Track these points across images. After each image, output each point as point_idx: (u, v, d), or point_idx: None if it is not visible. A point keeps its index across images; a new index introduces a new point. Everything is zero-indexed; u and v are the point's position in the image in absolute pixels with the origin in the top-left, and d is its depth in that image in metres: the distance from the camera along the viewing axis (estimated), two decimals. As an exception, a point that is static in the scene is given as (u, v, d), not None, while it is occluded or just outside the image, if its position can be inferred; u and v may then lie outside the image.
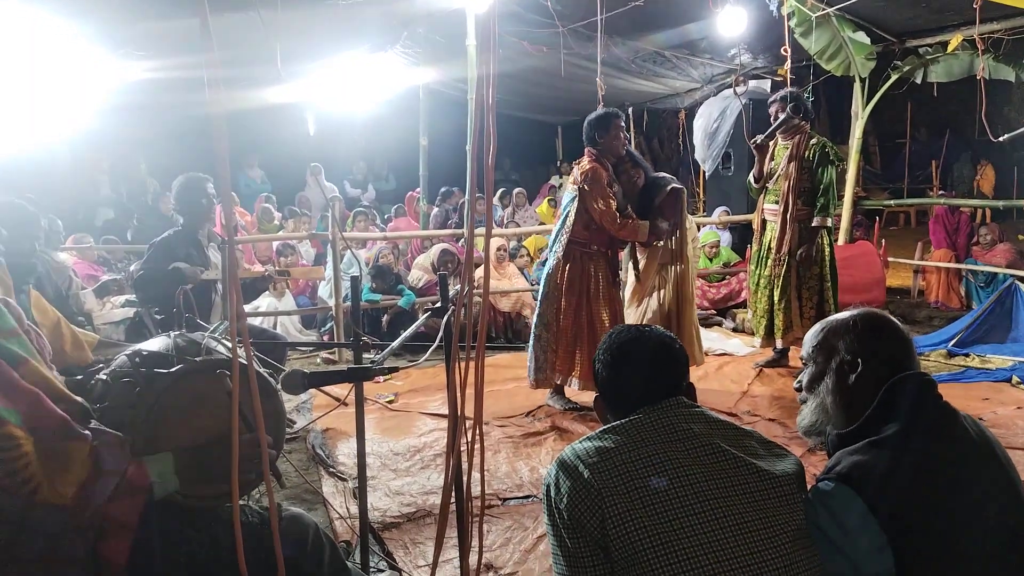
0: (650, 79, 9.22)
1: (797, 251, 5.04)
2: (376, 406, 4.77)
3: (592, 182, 4.37)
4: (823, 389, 1.62)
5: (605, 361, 1.67)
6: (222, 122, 1.10)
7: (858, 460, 1.46)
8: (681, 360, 1.66)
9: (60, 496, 1.41)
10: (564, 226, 4.50)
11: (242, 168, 11.31)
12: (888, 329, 1.60)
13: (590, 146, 4.50)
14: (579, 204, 4.44)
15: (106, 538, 1.46)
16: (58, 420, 1.48)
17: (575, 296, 4.47)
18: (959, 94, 11.14)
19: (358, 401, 2.48)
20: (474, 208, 1.98)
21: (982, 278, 7.36)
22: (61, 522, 1.42)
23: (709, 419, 1.54)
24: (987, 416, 4.34)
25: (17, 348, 1.52)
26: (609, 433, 1.51)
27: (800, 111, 5.02)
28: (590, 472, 1.42)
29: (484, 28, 1.51)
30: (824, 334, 1.66)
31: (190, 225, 4.17)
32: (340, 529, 3.14)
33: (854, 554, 1.38)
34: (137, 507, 1.49)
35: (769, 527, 1.38)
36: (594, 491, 1.39)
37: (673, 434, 1.48)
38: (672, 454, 1.44)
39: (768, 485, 1.42)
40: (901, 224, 13.55)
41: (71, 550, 1.43)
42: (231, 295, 1.26)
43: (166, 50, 5.85)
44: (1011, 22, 6.31)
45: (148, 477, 1.53)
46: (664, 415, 1.52)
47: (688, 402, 1.58)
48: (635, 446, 1.46)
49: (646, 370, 1.62)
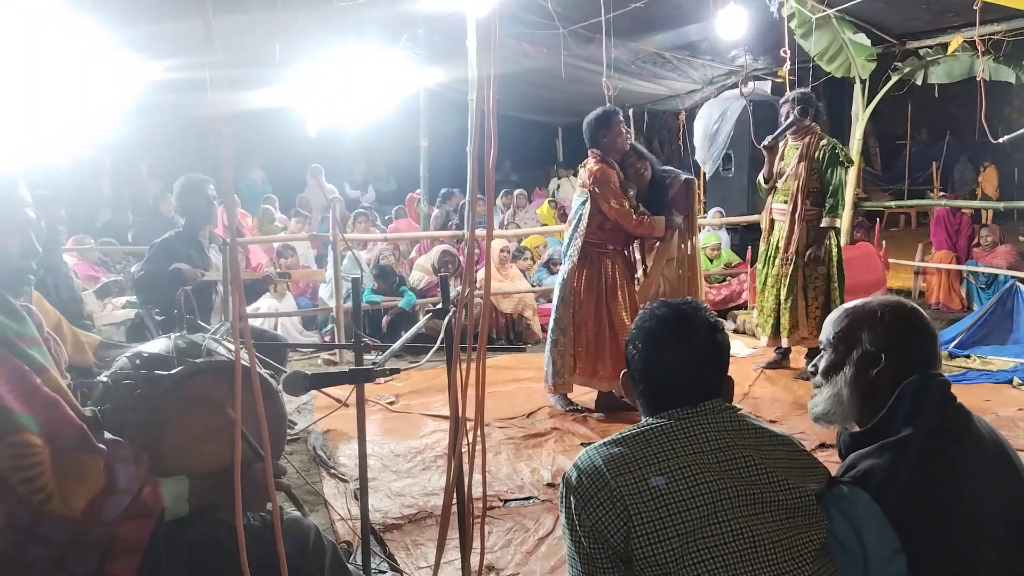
0: (650, 80, 9.22)
1: (805, 251, 5.05)
2: (377, 407, 4.77)
3: (601, 183, 4.36)
4: (840, 379, 1.56)
5: (642, 342, 1.51)
6: (226, 124, 1.10)
7: (874, 463, 1.43)
8: (725, 352, 1.51)
9: (70, 508, 1.39)
10: (578, 229, 4.48)
11: (243, 169, 11.30)
12: (917, 326, 1.54)
13: (594, 147, 4.48)
14: (591, 206, 4.43)
15: (114, 558, 1.45)
16: (76, 430, 1.46)
17: (594, 297, 4.47)
18: (959, 96, 11.16)
19: (359, 402, 2.48)
20: (475, 209, 1.98)
21: (983, 279, 7.36)
22: (70, 534, 1.40)
23: (744, 426, 1.44)
24: (988, 418, 4.32)
25: (39, 356, 1.51)
26: (639, 439, 1.41)
27: (808, 112, 5.03)
28: (617, 482, 1.34)
29: (484, 30, 1.51)
30: (848, 322, 1.58)
31: (191, 226, 4.17)
32: (341, 530, 3.14)
33: (869, 559, 1.35)
34: (147, 529, 1.47)
35: (795, 545, 1.33)
36: (620, 502, 1.33)
37: (706, 444, 1.39)
38: (703, 467, 1.36)
39: (797, 502, 1.36)
40: (902, 225, 13.55)
41: (77, 566, 1.42)
42: (234, 297, 1.26)
43: (168, 51, 5.85)
44: (1011, 24, 6.31)
45: (162, 501, 1.51)
46: (699, 422, 1.41)
47: (726, 406, 1.46)
48: (666, 457, 1.37)
49: (688, 362, 1.46)
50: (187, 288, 3.58)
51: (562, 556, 2.90)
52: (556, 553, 2.96)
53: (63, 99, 4.80)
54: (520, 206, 10.65)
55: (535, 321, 6.81)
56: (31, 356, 1.49)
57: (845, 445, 1.56)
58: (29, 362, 1.48)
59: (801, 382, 5.10)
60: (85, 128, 5.18)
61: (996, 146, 6.87)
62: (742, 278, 7.66)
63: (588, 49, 7.18)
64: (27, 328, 1.53)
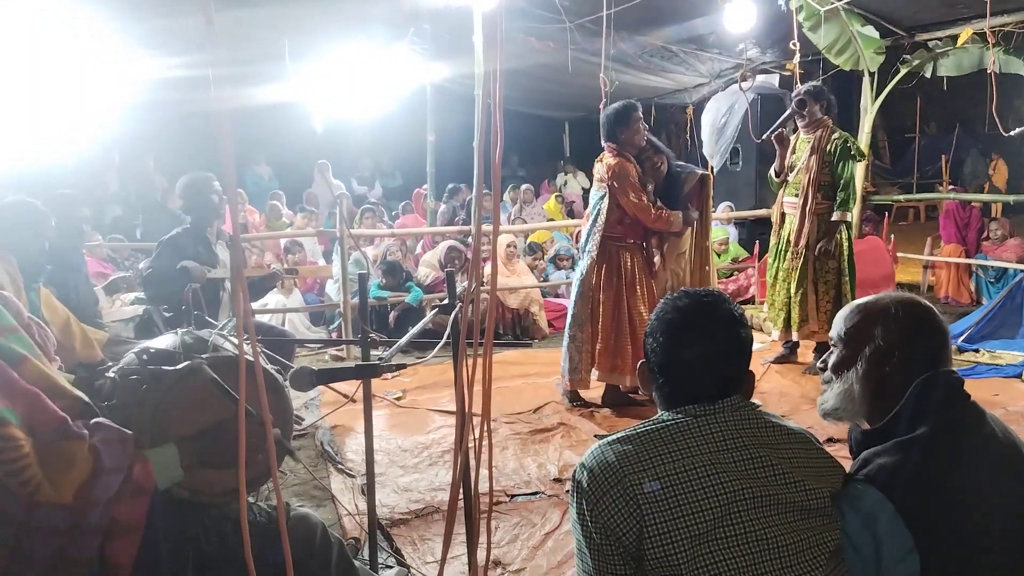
0: (657, 74, 9.19)
1: (816, 244, 5.03)
2: (384, 403, 4.78)
3: (620, 178, 4.34)
4: (852, 375, 1.54)
5: (663, 335, 1.46)
6: (226, 120, 1.10)
7: (887, 462, 1.42)
8: (748, 346, 1.46)
9: (60, 496, 1.40)
10: (596, 224, 4.46)
11: (249, 165, 11.33)
12: (931, 323, 1.52)
13: (611, 141, 4.44)
14: (609, 201, 4.41)
15: (113, 539, 1.46)
16: (57, 420, 1.47)
17: (613, 292, 4.46)
18: (969, 88, 11.04)
19: (366, 398, 2.48)
20: (481, 205, 1.97)
21: (992, 273, 7.32)
22: (67, 520, 1.41)
23: (761, 425, 1.41)
24: (997, 412, 4.30)
25: (16, 345, 1.51)
26: (652, 436, 1.38)
27: (805, 106, 5.01)
28: (631, 480, 1.32)
29: (491, 24, 1.50)
30: (861, 318, 1.55)
31: (198, 223, 4.19)
32: (348, 526, 3.15)
33: (882, 557, 1.34)
34: (143, 507, 1.48)
35: (809, 547, 1.31)
36: (633, 501, 1.31)
37: (722, 443, 1.36)
38: (718, 466, 1.34)
39: (812, 504, 1.35)
40: (910, 219, 13.49)
41: (77, 551, 1.42)
42: (237, 293, 1.26)
43: (176, 47, 5.86)
44: (1022, 15, 6.25)
45: (154, 478, 1.51)
46: (715, 420, 1.39)
47: (743, 403, 1.43)
48: (680, 456, 1.35)
49: (709, 357, 1.43)
50: (195, 286, 3.61)
51: (569, 551, 2.91)
52: (563, 548, 2.96)
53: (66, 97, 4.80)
54: (527, 201, 10.64)
55: (541, 316, 6.80)
56: (7, 347, 1.49)
57: (857, 442, 1.55)
58: (6, 354, 1.48)
59: (809, 377, 5.09)
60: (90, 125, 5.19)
61: (1006, 139, 6.81)
62: (749, 272, 7.64)
63: (595, 43, 7.13)
64: (2, 318, 1.53)
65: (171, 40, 5.79)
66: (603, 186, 4.44)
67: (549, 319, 6.92)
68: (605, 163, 4.45)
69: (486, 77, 1.55)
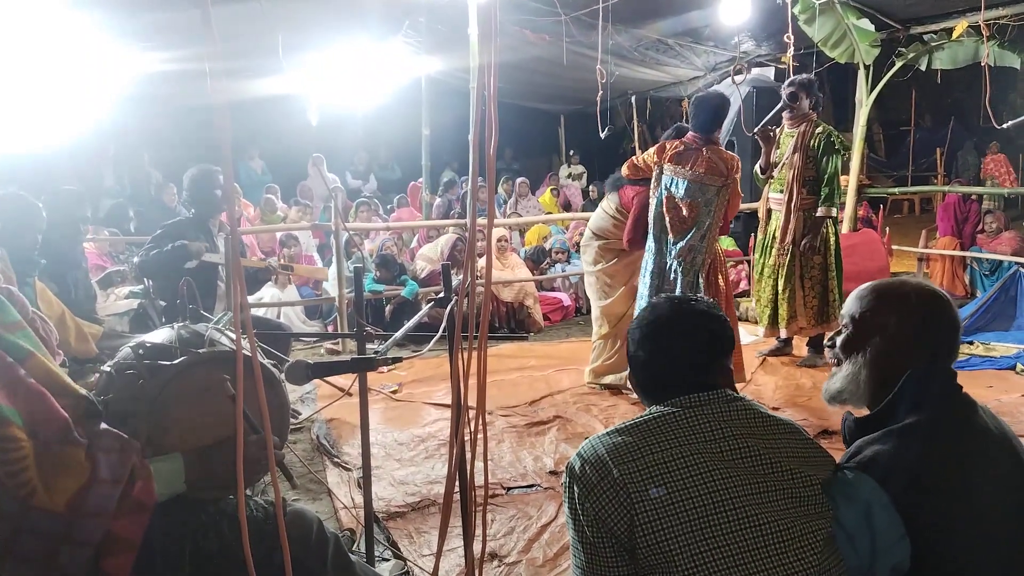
0: (653, 67, 9.17)
1: (801, 240, 5.02)
2: (380, 396, 4.78)
3: (739, 170, 4.28)
4: (861, 360, 1.53)
5: (635, 339, 1.54)
6: (225, 113, 1.10)
7: (880, 449, 1.43)
8: (724, 341, 1.52)
9: (53, 502, 1.37)
10: (714, 219, 4.27)
11: (243, 159, 11.29)
12: (946, 316, 1.51)
13: (714, 132, 4.26)
14: (724, 195, 4.27)
15: (109, 553, 1.43)
16: (61, 423, 1.44)
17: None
18: (964, 81, 11.10)
19: (362, 391, 2.49)
20: (476, 198, 1.97)
21: (987, 266, 7.34)
22: (60, 528, 1.38)
23: (751, 415, 1.44)
24: (991, 404, 4.32)
25: (23, 341, 1.48)
26: (643, 428, 1.41)
27: (798, 98, 4.94)
28: (619, 471, 1.34)
29: (486, 17, 1.50)
30: (878, 301, 1.53)
31: (201, 215, 4.22)
32: (345, 519, 3.15)
33: (873, 544, 1.35)
34: (142, 525, 1.46)
35: (803, 534, 1.32)
36: (623, 493, 1.33)
37: (712, 433, 1.39)
38: (708, 456, 1.36)
39: (803, 491, 1.36)
40: (905, 212, 13.53)
41: (70, 561, 1.39)
42: (235, 286, 1.26)
43: (170, 41, 5.84)
44: (1017, 8, 6.26)
45: (155, 495, 1.48)
46: (705, 411, 1.42)
47: (729, 395, 1.46)
48: (670, 446, 1.37)
49: (686, 355, 1.49)
50: (190, 265, 3.61)
51: (565, 543, 2.92)
52: (559, 540, 2.97)
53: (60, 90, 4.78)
54: (522, 195, 10.60)
55: (536, 310, 6.81)
56: (15, 344, 1.47)
57: (850, 431, 1.56)
58: (14, 351, 1.45)
59: (804, 370, 5.10)
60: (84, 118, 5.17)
61: (1000, 132, 6.82)
62: (743, 266, 7.65)
63: (591, 36, 7.13)
64: (8, 314, 1.50)
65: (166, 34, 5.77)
66: (721, 179, 4.21)
67: (544, 312, 6.93)
68: (729, 156, 4.28)
69: (481, 70, 1.55)
